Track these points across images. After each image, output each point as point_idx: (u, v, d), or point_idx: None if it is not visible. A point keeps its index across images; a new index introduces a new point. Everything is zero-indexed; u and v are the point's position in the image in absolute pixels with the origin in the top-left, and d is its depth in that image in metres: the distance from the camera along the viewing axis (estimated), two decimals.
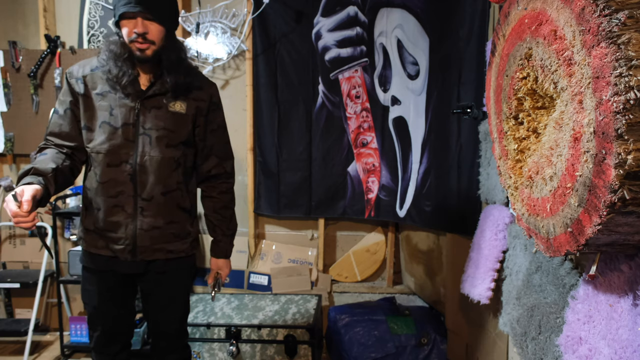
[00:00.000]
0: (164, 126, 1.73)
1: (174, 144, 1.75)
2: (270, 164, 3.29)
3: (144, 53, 1.66)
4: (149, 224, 1.73)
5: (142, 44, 1.65)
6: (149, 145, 1.71)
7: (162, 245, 1.78)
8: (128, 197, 1.71)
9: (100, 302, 1.81)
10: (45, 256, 3.05)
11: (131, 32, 1.64)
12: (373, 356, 2.58)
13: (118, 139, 1.69)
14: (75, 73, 1.74)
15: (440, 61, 2.68)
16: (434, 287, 2.98)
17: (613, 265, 0.94)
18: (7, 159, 3.33)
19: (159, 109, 1.73)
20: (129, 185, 1.70)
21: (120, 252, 1.74)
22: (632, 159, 0.68)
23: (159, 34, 1.67)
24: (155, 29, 1.66)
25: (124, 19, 1.64)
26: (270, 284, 3.25)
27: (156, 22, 1.65)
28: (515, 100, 1.10)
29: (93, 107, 1.71)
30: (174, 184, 1.77)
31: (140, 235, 1.73)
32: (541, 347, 1.27)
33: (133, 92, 1.70)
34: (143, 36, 1.63)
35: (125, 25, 1.64)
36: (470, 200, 2.29)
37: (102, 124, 1.70)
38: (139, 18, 1.62)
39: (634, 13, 0.69)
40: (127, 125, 1.70)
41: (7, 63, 3.20)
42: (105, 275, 1.80)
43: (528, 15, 1.00)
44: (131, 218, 1.72)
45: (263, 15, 3.12)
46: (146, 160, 1.71)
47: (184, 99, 1.77)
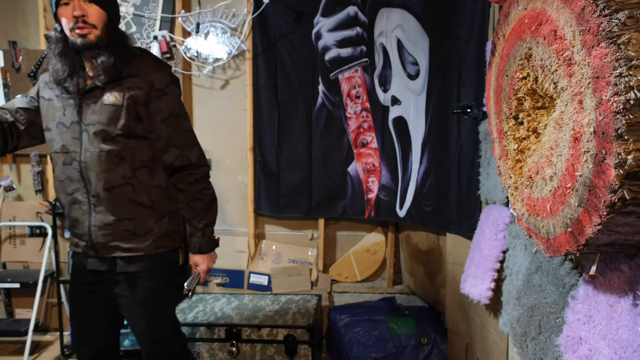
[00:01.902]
0: (98, 120, 1.66)
1: (110, 137, 1.66)
2: (270, 164, 3.29)
3: (86, 38, 1.59)
4: (100, 221, 1.70)
5: (82, 29, 1.58)
6: (88, 142, 1.67)
7: (118, 243, 1.72)
8: (82, 194, 1.71)
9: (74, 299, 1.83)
10: (45, 256, 3.05)
11: (70, 18, 1.57)
12: (373, 356, 2.58)
13: (68, 138, 1.69)
14: (45, 77, 1.78)
15: (440, 61, 2.68)
16: (434, 287, 2.98)
17: (613, 265, 0.94)
18: (7, 159, 3.33)
19: (95, 104, 1.67)
20: (81, 183, 1.70)
21: (85, 248, 1.75)
22: (632, 159, 0.68)
23: (99, 17, 1.61)
24: (94, 12, 1.59)
25: (61, 5, 1.58)
26: (270, 284, 3.25)
27: (94, 3, 1.59)
28: (515, 100, 1.10)
29: (51, 110, 1.72)
30: (118, 179, 1.68)
31: (94, 232, 1.71)
32: (541, 347, 1.27)
33: (75, 89, 1.67)
34: (82, 19, 1.57)
35: (63, 13, 1.58)
36: (470, 200, 2.29)
37: (57, 124, 1.71)
38: (76, 1, 1.56)
39: (634, 13, 0.69)
40: (74, 124, 1.69)
41: (7, 63, 3.20)
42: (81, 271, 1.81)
43: (528, 15, 1.00)
44: (87, 214, 1.72)
45: (263, 15, 3.12)
46: (87, 157, 1.68)
47: (119, 89, 1.66)
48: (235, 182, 3.41)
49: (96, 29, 1.60)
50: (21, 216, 3.28)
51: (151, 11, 3.20)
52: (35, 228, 3.28)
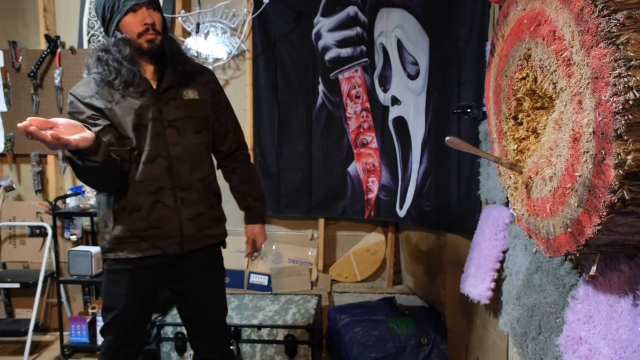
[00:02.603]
0: (186, 114, 1.75)
1: (199, 129, 1.79)
2: (270, 164, 3.29)
3: (154, 44, 1.67)
4: (192, 213, 1.75)
5: (151, 35, 1.66)
6: (177, 136, 1.72)
7: (206, 231, 1.82)
8: (166, 191, 1.71)
9: (129, 306, 1.77)
10: (45, 256, 3.05)
11: (140, 25, 1.64)
12: (373, 356, 2.58)
13: (149, 136, 1.69)
14: (85, 93, 1.68)
15: (440, 61, 2.68)
16: (434, 287, 2.98)
17: (613, 265, 0.94)
18: (7, 159, 3.33)
19: (175, 100, 1.74)
20: (166, 179, 1.70)
21: (169, 246, 1.73)
22: (631, 159, 0.68)
23: (161, 23, 1.70)
24: (158, 19, 1.69)
25: (129, 13, 1.63)
26: (270, 284, 3.25)
27: (157, 11, 1.68)
28: (515, 100, 1.10)
29: (118, 117, 1.67)
30: (208, 170, 1.83)
31: (186, 225, 1.74)
32: (541, 347, 1.27)
33: (147, 88, 1.70)
34: (153, 27, 1.65)
35: (131, 20, 1.64)
36: (470, 200, 2.29)
37: (134, 126, 1.67)
38: (144, 8, 1.63)
39: (632, 13, 0.69)
40: (154, 120, 1.69)
41: (7, 63, 3.20)
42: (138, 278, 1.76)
43: (527, 16, 1.00)
44: (174, 209, 1.72)
45: (263, 15, 3.12)
46: (178, 150, 1.72)
47: (193, 86, 1.80)
48: None
49: (160, 35, 1.69)
50: (21, 216, 3.28)
51: None
52: (35, 228, 3.29)
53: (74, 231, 3.24)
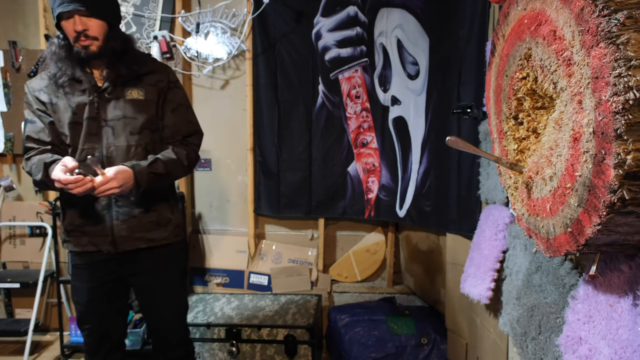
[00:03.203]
0: (124, 114, 1.74)
1: (136, 131, 1.76)
2: (270, 164, 3.29)
3: (88, 50, 1.68)
4: (125, 214, 1.75)
5: (84, 41, 1.66)
6: (112, 136, 1.73)
7: (143, 234, 1.78)
8: None
9: (90, 299, 1.82)
10: (45, 256, 3.05)
11: (72, 32, 1.65)
12: (373, 356, 2.58)
13: (83, 135, 1.72)
14: (36, 86, 1.76)
15: (440, 61, 2.68)
16: (434, 287, 2.98)
17: (613, 265, 0.94)
18: (7, 159, 3.33)
19: (117, 100, 1.74)
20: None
21: (102, 244, 1.76)
22: (631, 159, 0.68)
23: (100, 29, 1.68)
24: (95, 25, 1.66)
25: (62, 19, 1.65)
26: (270, 284, 3.25)
27: (94, 17, 1.66)
28: (515, 100, 1.10)
29: (59, 113, 1.73)
30: None
31: (116, 226, 1.74)
32: (541, 347, 1.27)
33: (88, 87, 1.73)
34: (84, 34, 1.65)
35: (65, 26, 1.66)
36: (470, 200, 2.29)
37: (70, 124, 1.72)
38: (76, 16, 1.63)
39: (632, 13, 0.69)
40: (90, 120, 1.72)
41: (7, 63, 3.20)
42: (95, 271, 1.81)
43: (527, 16, 1.00)
44: (106, 209, 1.74)
45: (263, 15, 3.12)
46: (112, 151, 1.72)
47: (140, 86, 1.78)
48: (235, 182, 3.41)
49: (97, 40, 1.68)
50: (21, 216, 3.28)
51: (151, 11, 3.20)
52: (35, 228, 3.29)
53: None
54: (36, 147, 1.73)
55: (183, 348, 1.97)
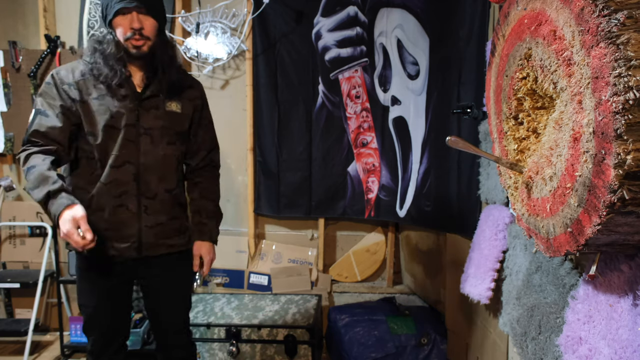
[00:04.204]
0: (163, 125, 1.75)
1: (173, 141, 1.79)
2: (270, 164, 3.29)
3: (140, 50, 1.67)
4: (153, 221, 1.76)
5: (138, 41, 1.65)
6: (150, 145, 1.73)
7: (165, 241, 1.81)
8: (132, 197, 1.72)
9: (100, 302, 1.81)
10: (45, 256, 3.05)
11: (127, 29, 1.63)
12: (373, 356, 2.58)
13: (120, 141, 1.69)
14: (65, 78, 1.69)
15: (440, 61, 2.68)
16: (434, 287, 2.98)
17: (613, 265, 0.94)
18: (7, 159, 3.33)
19: (157, 109, 1.75)
20: (132, 185, 1.72)
21: (126, 250, 1.75)
22: (631, 159, 0.68)
23: (153, 30, 1.68)
24: (150, 24, 1.66)
25: (119, 15, 1.63)
26: (270, 284, 3.25)
27: (150, 16, 1.66)
28: (515, 100, 1.10)
29: (92, 112, 1.69)
30: (175, 181, 1.83)
31: (145, 232, 1.75)
32: (541, 347, 1.27)
33: (130, 93, 1.70)
34: (140, 32, 1.64)
35: (120, 22, 1.64)
36: (470, 200, 2.29)
37: (104, 127, 1.68)
38: (134, 13, 1.63)
39: (632, 13, 0.69)
40: (128, 127, 1.70)
41: (7, 63, 3.20)
42: (106, 274, 1.79)
43: (527, 16, 1.00)
44: (136, 216, 1.73)
45: (263, 15, 3.12)
46: (149, 159, 1.73)
47: (178, 99, 1.80)
48: (235, 182, 3.41)
49: (150, 41, 1.68)
50: (21, 216, 3.28)
51: None
52: (35, 228, 3.28)
53: None
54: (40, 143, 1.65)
55: (187, 349, 1.98)
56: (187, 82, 1.85)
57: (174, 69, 1.77)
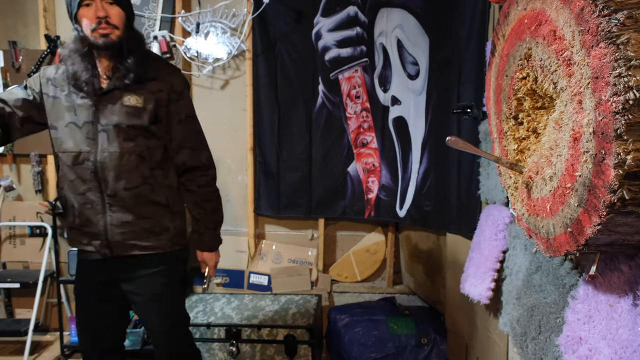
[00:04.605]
0: (119, 121, 1.69)
1: (130, 138, 1.70)
2: (270, 164, 3.29)
3: (108, 38, 1.63)
4: (118, 219, 1.73)
5: (105, 29, 1.62)
6: (106, 142, 1.69)
7: (135, 242, 1.75)
8: (95, 194, 1.71)
9: (83, 298, 1.82)
10: (45, 256, 3.05)
11: (92, 19, 1.61)
12: (373, 356, 2.58)
13: (81, 138, 1.69)
14: (48, 74, 1.75)
15: (440, 61, 2.68)
16: (434, 287, 2.98)
17: (613, 265, 0.94)
18: (7, 159, 3.33)
19: (114, 105, 1.70)
20: (94, 182, 1.70)
21: (99, 247, 1.75)
22: (631, 159, 0.68)
23: (120, 19, 1.66)
24: (116, 13, 1.64)
25: (83, 6, 1.62)
26: (270, 284, 3.25)
27: (116, 5, 1.64)
28: (515, 100, 1.10)
29: (59, 108, 1.71)
30: (138, 179, 1.72)
31: (110, 230, 1.73)
32: (541, 347, 1.27)
33: (91, 90, 1.69)
34: (106, 20, 1.61)
35: (84, 14, 1.62)
36: (470, 201, 2.29)
37: (68, 124, 1.70)
38: (98, 1, 1.61)
39: (633, 13, 0.69)
40: (88, 124, 1.69)
41: (7, 63, 3.20)
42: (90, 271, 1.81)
43: (527, 16, 1.00)
44: (101, 214, 1.72)
45: (263, 15, 3.12)
46: (105, 157, 1.69)
47: (140, 92, 1.71)
48: (235, 182, 3.41)
49: (117, 30, 1.65)
50: (21, 216, 3.28)
51: (151, 11, 3.20)
52: (35, 228, 3.28)
53: None
54: None
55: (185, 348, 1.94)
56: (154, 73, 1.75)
57: (139, 59, 1.71)
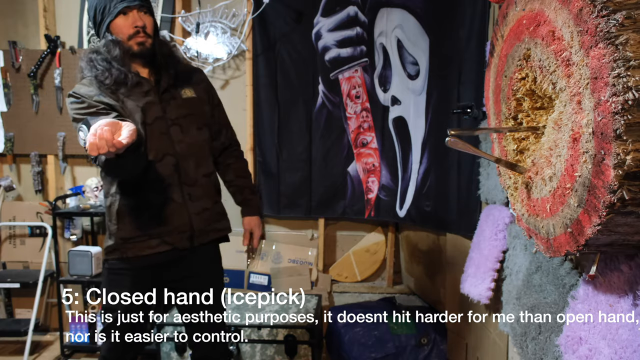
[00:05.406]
0: (188, 112, 1.78)
1: (200, 126, 1.82)
2: (270, 164, 3.29)
3: (144, 46, 1.69)
4: (200, 207, 1.78)
5: (142, 38, 1.67)
6: (181, 134, 1.75)
7: (214, 225, 1.84)
8: (175, 187, 1.73)
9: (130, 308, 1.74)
10: (45, 256, 3.05)
11: (130, 28, 1.66)
12: (373, 356, 2.58)
13: (154, 135, 1.70)
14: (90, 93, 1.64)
15: (440, 61, 2.68)
16: (434, 287, 2.98)
17: (613, 265, 0.94)
18: (7, 159, 3.33)
19: (176, 99, 1.77)
20: (174, 176, 1.73)
21: (179, 241, 1.74)
22: (630, 159, 0.68)
23: (152, 27, 1.72)
24: (150, 23, 1.71)
25: (120, 15, 1.65)
26: (270, 284, 3.25)
27: (149, 14, 1.71)
28: (514, 100, 1.10)
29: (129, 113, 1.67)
30: (211, 166, 1.87)
31: (195, 219, 1.76)
32: (541, 347, 1.27)
33: (150, 87, 1.73)
34: (144, 29, 1.67)
35: (122, 22, 1.65)
36: (470, 200, 2.29)
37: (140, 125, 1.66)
38: (135, 11, 1.66)
39: (631, 14, 0.69)
40: (158, 119, 1.72)
41: (7, 63, 3.20)
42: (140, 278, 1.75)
43: (526, 16, 1.00)
44: (183, 205, 1.74)
45: (263, 15, 3.12)
46: (184, 147, 1.75)
47: (188, 86, 1.83)
48: None
49: (151, 38, 1.71)
50: (21, 216, 3.28)
51: None
52: (35, 228, 3.29)
53: (74, 231, 3.24)
54: None
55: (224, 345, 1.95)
56: (189, 69, 1.89)
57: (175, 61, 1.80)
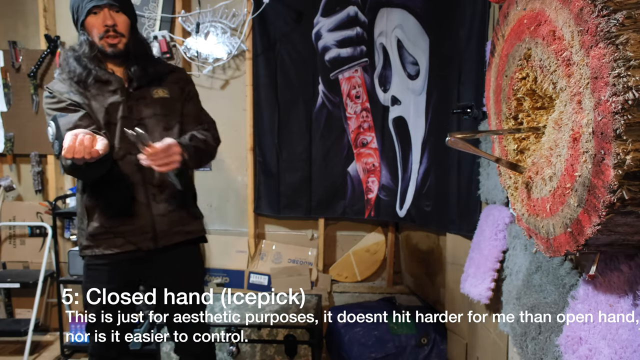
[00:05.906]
0: (154, 113, 1.75)
1: (169, 127, 1.78)
2: (270, 164, 3.29)
3: (116, 47, 1.68)
4: (164, 209, 1.76)
5: (114, 38, 1.67)
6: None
7: (180, 228, 1.81)
8: (139, 187, 1.72)
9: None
10: (45, 256, 3.05)
11: (101, 27, 1.65)
12: (373, 356, 2.58)
13: (117, 134, 1.70)
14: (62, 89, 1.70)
15: (440, 61, 2.68)
16: (434, 287, 2.98)
17: (613, 265, 0.94)
18: (7, 159, 3.33)
19: (145, 99, 1.75)
20: (137, 175, 1.72)
21: (142, 241, 1.74)
22: (630, 159, 0.68)
23: (126, 26, 1.71)
24: (122, 21, 1.69)
25: (91, 14, 1.65)
26: (270, 284, 3.25)
27: (122, 12, 1.69)
28: (515, 100, 1.10)
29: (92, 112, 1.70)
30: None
31: (157, 221, 1.75)
32: (541, 347, 1.27)
33: (118, 87, 1.72)
34: (114, 29, 1.66)
35: (93, 21, 1.66)
36: (470, 200, 2.29)
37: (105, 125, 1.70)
38: (106, 10, 1.65)
39: (632, 13, 0.69)
40: (123, 119, 1.71)
41: (7, 63, 3.20)
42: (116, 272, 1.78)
43: (527, 16, 1.00)
44: (145, 206, 1.73)
45: (263, 15, 3.12)
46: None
47: (164, 85, 1.80)
48: (235, 182, 3.41)
49: (124, 37, 1.70)
50: (21, 216, 3.28)
51: (151, 11, 3.20)
52: (35, 228, 3.29)
53: (74, 231, 3.24)
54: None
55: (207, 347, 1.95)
56: (169, 69, 1.86)
57: (150, 61, 1.78)
